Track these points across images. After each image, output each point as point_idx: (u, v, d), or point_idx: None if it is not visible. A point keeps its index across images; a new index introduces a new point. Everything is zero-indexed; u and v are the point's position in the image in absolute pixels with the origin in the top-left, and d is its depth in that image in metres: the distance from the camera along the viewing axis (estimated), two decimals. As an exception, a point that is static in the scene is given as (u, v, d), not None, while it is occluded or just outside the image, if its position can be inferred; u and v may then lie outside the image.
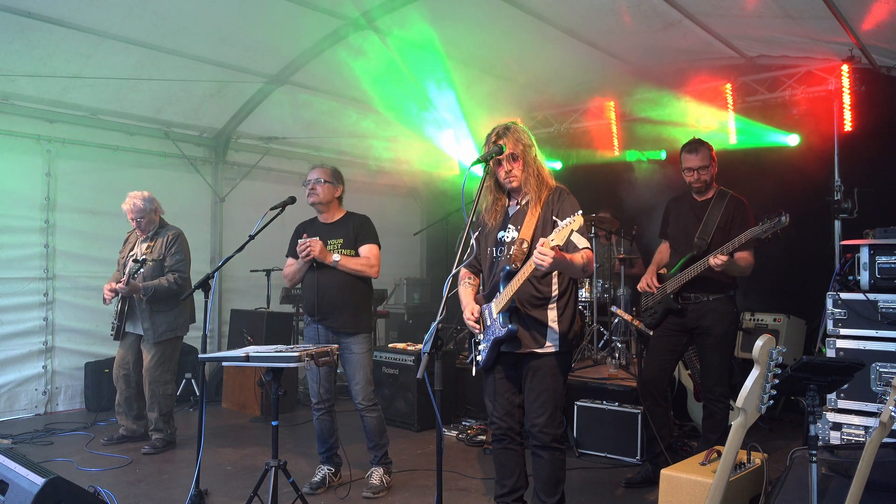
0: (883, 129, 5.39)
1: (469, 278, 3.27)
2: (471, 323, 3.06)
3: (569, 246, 2.88)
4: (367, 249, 4.06)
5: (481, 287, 3.24)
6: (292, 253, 4.12)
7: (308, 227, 4.19)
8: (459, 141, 8.20)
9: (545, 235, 2.95)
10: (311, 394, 4.12)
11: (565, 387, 3.09)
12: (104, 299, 4.90)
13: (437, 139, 8.15)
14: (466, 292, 3.22)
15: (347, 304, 4.01)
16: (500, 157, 2.98)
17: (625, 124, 6.92)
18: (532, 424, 3.01)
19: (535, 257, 2.60)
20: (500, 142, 2.98)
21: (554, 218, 2.93)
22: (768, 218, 3.62)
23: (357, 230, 4.09)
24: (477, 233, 3.24)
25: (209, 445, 4.84)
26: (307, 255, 3.89)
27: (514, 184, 3.05)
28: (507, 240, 3.07)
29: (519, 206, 3.12)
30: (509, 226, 3.10)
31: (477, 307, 3.09)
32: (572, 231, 2.60)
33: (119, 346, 5.04)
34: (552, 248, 2.57)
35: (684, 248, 4.04)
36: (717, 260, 3.69)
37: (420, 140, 7.96)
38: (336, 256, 3.96)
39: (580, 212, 2.66)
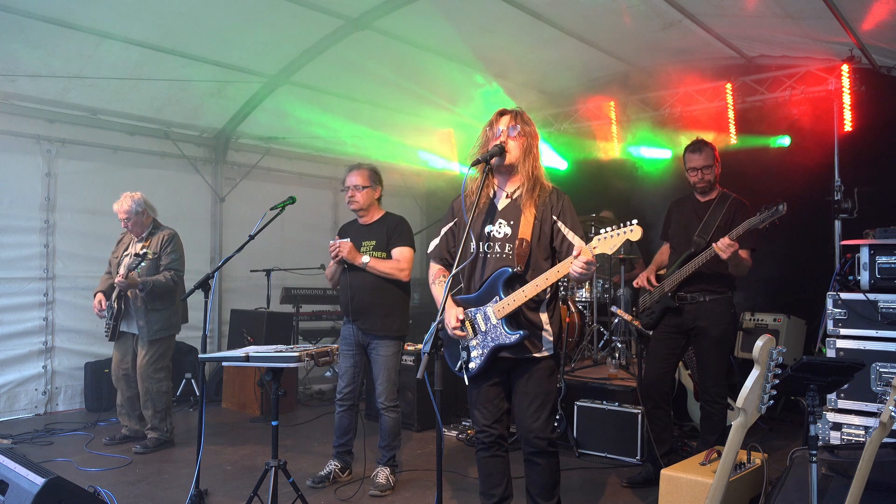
0: (883, 129, 5.39)
1: (444, 276, 3.04)
2: (456, 332, 2.84)
3: (567, 248, 2.81)
4: (398, 252, 4.08)
5: (462, 284, 3.01)
6: None
7: (348, 229, 4.27)
8: (458, 140, 8.22)
9: (543, 235, 2.86)
10: (337, 388, 4.21)
11: (556, 388, 3.02)
12: (96, 312, 4.96)
13: (438, 138, 8.17)
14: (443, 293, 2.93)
15: (378, 305, 4.05)
16: (502, 132, 2.88)
17: (625, 124, 6.92)
18: (527, 430, 2.86)
19: (580, 267, 2.53)
20: (505, 117, 2.89)
21: (554, 217, 2.85)
22: (766, 208, 3.60)
23: (391, 233, 4.11)
24: (451, 223, 3.06)
25: (209, 445, 4.84)
26: (336, 255, 3.97)
27: (507, 160, 2.85)
28: (499, 236, 2.89)
29: (510, 200, 2.93)
30: (499, 220, 2.91)
31: (461, 310, 2.88)
32: (630, 241, 2.55)
33: (115, 348, 5.05)
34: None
35: (684, 248, 4.04)
36: (723, 243, 3.60)
37: (420, 139, 7.98)
38: (365, 258, 3.99)
39: (636, 221, 2.54)
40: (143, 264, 4.68)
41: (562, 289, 6.15)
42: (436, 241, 3.14)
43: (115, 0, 4.84)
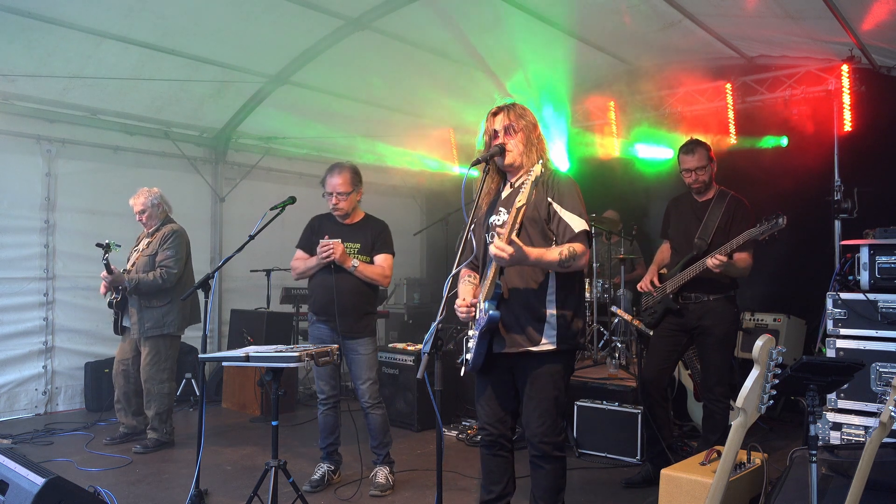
0: (883, 129, 5.38)
1: (469, 276, 3.01)
2: (461, 311, 2.81)
3: (564, 230, 2.70)
4: (382, 259, 4.08)
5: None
6: (303, 246, 4.12)
7: (325, 224, 4.16)
8: (458, 140, 8.21)
9: (537, 216, 2.74)
10: (317, 391, 4.18)
11: (567, 390, 2.87)
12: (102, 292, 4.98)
13: (438, 138, 8.17)
14: (466, 288, 2.97)
15: (356, 308, 4.02)
16: (498, 132, 2.84)
17: (625, 124, 6.92)
18: (532, 434, 2.80)
19: (491, 248, 2.43)
20: (499, 116, 2.85)
21: (549, 200, 2.73)
22: (766, 220, 3.62)
23: (375, 238, 4.09)
24: (473, 224, 3.03)
25: (209, 445, 4.84)
26: (328, 257, 3.89)
27: (508, 160, 2.81)
28: (498, 224, 2.85)
29: (512, 189, 2.88)
30: (500, 209, 2.88)
31: (469, 297, 2.88)
32: (532, 185, 2.44)
33: (120, 342, 5.07)
34: (512, 242, 2.43)
35: (684, 249, 4.04)
36: (714, 261, 3.69)
37: (420, 139, 7.98)
38: (355, 262, 3.96)
39: (541, 161, 2.49)
40: (107, 256, 4.66)
41: None
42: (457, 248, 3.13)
43: (115, 0, 4.84)
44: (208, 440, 4.82)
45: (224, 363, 4.89)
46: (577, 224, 2.70)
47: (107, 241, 4.64)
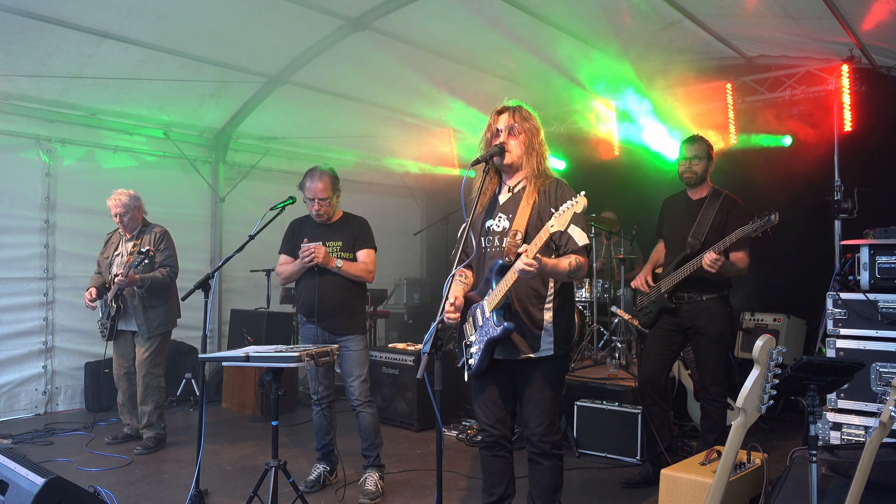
0: (883, 129, 5.39)
1: (461, 276, 2.99)
2: (448, 315, 2.74)
3: (567, 242, 2.76)
4: (364, 254, 4.09)
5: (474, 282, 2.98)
6: (286, 251, 4.13)
7: (305, 226, 4.15)
8: (458, 140, 8.21)
9: (541, 226, 2.74)
10: (311, 391, 4.17)
11: (563, 390, 2.92)
12: (87, 303, 4.97)
13: (438, 138, 8.17)
14: (456, 287, 2.95)
15: (345, 307, 4.05)
16: (500, 131, 2.84)
17: (624, 124, 6.92)
18: (531, 433, 2.87)
19: (520, 264, 2.48)
20: (503, 115, 2.87)
21: (552, 210, 2.72)
22: (758, 216, 3.63)
23: (356, 234, 4.10)
24: (466, 224, 3.06)
25: (209, 445, 4.84)
26: (310, 260, 3.88)
27: (508, 160, 2.83)
28: (497, 229, 2.87)
29: (511, 194, 2.90)
30: (499, 214, 2.90)
31: (460, 297, 2.85)
32: (574, 214, 2.46)
33: (114, 347, 5.06)
34: (535, 257, 2.49)
35: (678, 248, 4.04)
36: (709, 258, 3.69)
37: (420, 139, 7.98)
38: (339, 263, 3.97)
39: (583, 193, 2.48)
40: (146, 262, 4.70)
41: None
42: (456, 248, 3.13)
43: (115, 0, 4.84)
44: (208, 440, 4.82)
45: (224, 363, 4.89)
46: (580, 238, 2.77)
47: (146, 248, 4.68)
